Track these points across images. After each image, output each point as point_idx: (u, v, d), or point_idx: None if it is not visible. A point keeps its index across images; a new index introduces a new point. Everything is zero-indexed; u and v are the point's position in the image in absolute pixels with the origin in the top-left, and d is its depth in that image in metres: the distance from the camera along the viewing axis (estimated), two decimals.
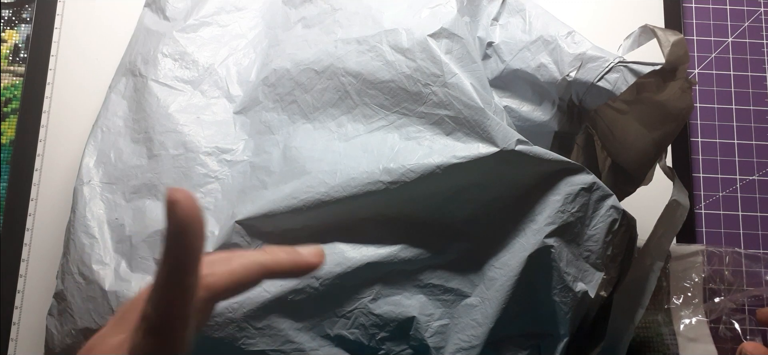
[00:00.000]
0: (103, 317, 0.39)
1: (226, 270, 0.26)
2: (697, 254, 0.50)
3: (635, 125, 0.43)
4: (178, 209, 0.22)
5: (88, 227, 0.41)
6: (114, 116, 0.45)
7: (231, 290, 0.27)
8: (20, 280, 0.52)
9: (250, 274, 0.27)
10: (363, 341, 0.38)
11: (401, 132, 0.39)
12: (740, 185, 0.55)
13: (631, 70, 0.39)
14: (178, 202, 0.22)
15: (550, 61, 0.41)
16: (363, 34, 0.40)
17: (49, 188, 0.54)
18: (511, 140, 0.37)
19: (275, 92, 0.42)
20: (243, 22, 0.47)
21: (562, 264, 0.38)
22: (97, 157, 0.44)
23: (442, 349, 0.38)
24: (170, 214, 0.22)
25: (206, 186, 0.41)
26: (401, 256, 0.38)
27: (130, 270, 0.40)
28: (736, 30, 0.58)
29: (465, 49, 0.39)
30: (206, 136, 0.43)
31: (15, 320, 0.51)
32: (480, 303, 0.38)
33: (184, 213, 0.22)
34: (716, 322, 0.49)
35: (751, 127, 0.56)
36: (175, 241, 0.22)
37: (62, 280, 0.41)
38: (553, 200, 0.38)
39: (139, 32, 0.48)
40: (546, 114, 0.42)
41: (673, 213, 0.40)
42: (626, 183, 0.45)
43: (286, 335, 0.37)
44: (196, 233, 0.23)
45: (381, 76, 0.39)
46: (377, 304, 0.38)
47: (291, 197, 0.38)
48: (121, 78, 0.46)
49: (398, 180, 0.37)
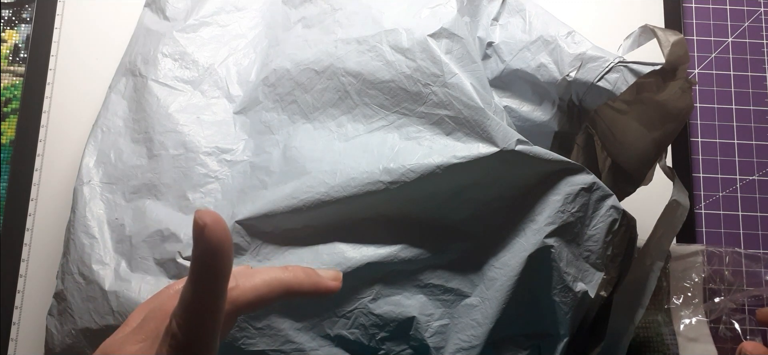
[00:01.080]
0: (103, 317, 0.39)
1: (250, 286, 0.27)
2: (697, 254, 0.50)
3: (635, 125, 0.43)
4: (207, 232, 0.22)
5: (88, 227, 0.41)
6: (114, 116, 0.45)
7: (253, 305, 0.27)
8: (20, 280, 0.52)
9: (272, 291, 0.27)
10: (363, 341, 0.38)
11: (401, 132, 0.39)
12: (740, 185, 0.55)
13: (631, 70, 0.39)
14: (207, 225, 0.22)
15: (550, 61, 0.41)
16: (363, 34, 0.40)
17: (49, 188, 0.54)
18: (511, 140, 0.37)
19: (275, 92, 0.42)
20: (243, 22, 0.47)
21: (562, 264, 0.38)
22: (97, 157, 0.44)
23: (442, 349, 0.38)
24: (199, 237, 0.22)
25: (206, 186, 0.41)
26: (401, 256, 0.38)
27: (130, 270, 0.40)
28: (736, 30, 0.58)
29: (465, 49, 0.39)
30: (206, 136, 0.43)
31: (15, 320, 0.51)
32: (480, 303, 0.38)
33: (213, 236, 0.22)
34: (716, 322, 0.49)
35: (751, 127, 0.56)
36: (204, 264, 0.23)
37: (62, 280, 0.41)
38: (553, 199, 0.38)
39: (139, 32, 0.48)
40: (546, 114, 0.42)
41: (673, 213, 0.40)
42: (626, 183, 0.45)
43: (286, 335, 0.37)
44: (225, 255, 0.23)
45: (381, 76, 0.39)
46: (377, 304, 0.38)
47: (291, 197, 0.38)
48: (121, 78, 0.46)
49: (398, 180, 0.37)
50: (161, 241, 0.40)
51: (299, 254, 0.38)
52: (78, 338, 0.40)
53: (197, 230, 0.22)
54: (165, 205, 0.41)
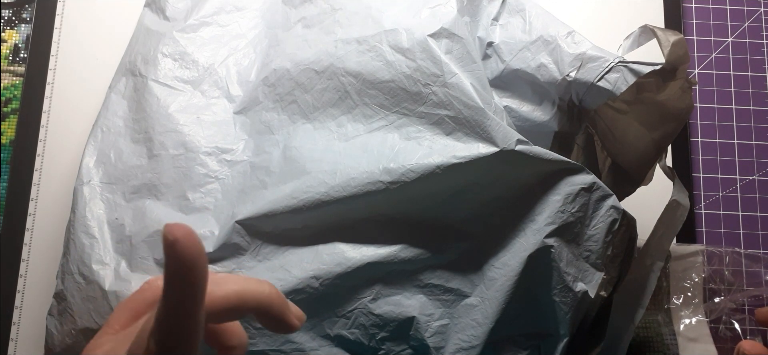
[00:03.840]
0: (103, 317, 0.39)
1: (221, 294, 0.25)
2: (697, 254, 0.50)
3: (635, 125, 0.43)
4: (179, 248, 0.21)
5: (88, 227, 0.41)
6: (114, 116, 0.45)
7: (220, 315, 0.25)
8: (20, 280, 0.52)
9: (244, 303, 0.25)
10: (363, 341, 0.38)
11: (401, 132, 0.39)
12: (740, 185, 0.55)
13: (631, 70, 0.39)
14: (177, 241, 0.20)
15: (550, 61, 0.41)
16: (363, 34, 0.40)
17: (49, 187, 0.54)
18: (511, 140, 0.37)
19: (275, 92, 0.42)
20: (243, 22, 0.47)
21: (562, 264, 0.38)
22: (97, 157, 0.44)
23: (442, 349, 0.38)
24: (170, 253, 0.21)
25: (206, 186, 0.41)
26: (401, 256, 0.38)
27: (130, 270, 0.40)
28: (736, 30, 0.58)
29: (465, 49, 0.39)
30: (206, 136, 0.43)
31: (15, 320, 0.51)
32: (480, 303, 0.38)
33: (185, 251, 0.21)
34: (716, 322, 0.49)
35: (751, 127, 0.56)
36: (177, 281, 0.21)
37: (62, 280, 0.41)
38: (553, 199, 0.38)
39: (139, 32, 0.48)
40: (546, 114, 0.42)
41: (673, 213, 0.40)
42: (626, 183, 0.45)
43: (286, 334, 0.37)
44: (199, 270, 0.21)
45: (381, 76, 0.39)
46: (377, 304, 0.38)
47: (291, 197, 0.38)
48: (121, 78, 0.46)
49: (398, 180, 0.37)
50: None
51: (299, 254, 0.38)
52: (78, 338, 0.40)
53: (167, 245, 0.20)
54: (165, 205, 0.41)
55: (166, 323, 0.22)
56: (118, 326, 0.27)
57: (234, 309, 0.25)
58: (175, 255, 0.21)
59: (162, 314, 0.22)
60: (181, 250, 0.21)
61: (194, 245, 0.21)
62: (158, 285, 0.27)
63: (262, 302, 0.26)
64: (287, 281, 0.37)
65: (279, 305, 0.26)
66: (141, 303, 0.27)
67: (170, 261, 0.21)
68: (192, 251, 0.21)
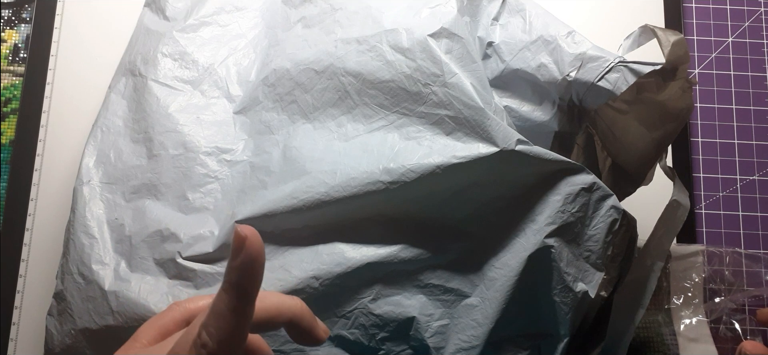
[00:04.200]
0: (102, 317, 0.39)
1: (262, 306, 0.28)
2: (698, 254, 0.50)
3: (635, 125, 0.43)
4: (248, 245, 0.24)
5: (88, 227, 0.41)
6: (114, 116, 0.45)
7: (262, 326, 0.28)
8: (20, 280, 0.52)
9: (281, 316, 0.28)
10: (363, 341, 0.38)
11: (401, 132, 0.39)
12: (740, 185, 0.55)
13: (632, 70, 0.39)
14: (247, 238, 0.24)
15: (550, 61, 0.41)
16: (363, 34, 0.40)
17: (49, 188, 0.54)
18: (511, 140, 0.37)
19: (275, 92, 0.42)
20: (243, 22, 0.47)
21: (562, 264, 0.38)
22: (97, 157, 0.44)
23: (442, 349, 0.38)
24: (239, 248, 0.24)
25: (206, 186, 0.41)
26: (401, 256, 0.38)
27: (130, 270, 0.40)
28: (736, 30, 0.58)
29: (465, 49, 0.39)
30: (206, 136, 0.43)
31: (15, 320, 0.51)
32: (480, 303, 0.38)
33: (253, 249, 0.24)
34: (716, 322, 0.49)
35: (751, 127, 0.56)
36: (243, 273, 0.24)
37: (62, 280, 0.41)
38: (554, 200, 0.38)
39: (138, 32, 0.48)
40: (546, 114, 0.42)
41: (674, 213, 0.40)
42: (626, 183, 0.45)
43: (286, 335, 0.37)
44: (262, 267, 0.25)
45: (381, 76, 0.39)
46: (377, 304, 0.38)
47: (291, 197, 0.38)
48: (120, 78, 0.46)
49: (398, 180, 0.37)
50: (161, 241, 0.40)
51: (299, 254, 0.38)
52: (78, 338, 0.40)
53: (238, 241, 0.24)
54: (165, 205, 0.41)
55: (226, 313, 0.24)
56: (146, 341, 0.28)
57: (272, 320, 0.28)
58: (245, 251, 0.24)
59: (222, 304, 0.24)
60: (250, 246, 0.24)
61: (260, 244, 0.24)
62: (187, 307, 0.30)
63: (295, 314, 0.29)
64: (287, 281, 0.37)
65: (309, 319, 0.30)
66: (169, 322, 0.29)
67: (238, 255, 0.24)
68: (259, 249, 0.24)
